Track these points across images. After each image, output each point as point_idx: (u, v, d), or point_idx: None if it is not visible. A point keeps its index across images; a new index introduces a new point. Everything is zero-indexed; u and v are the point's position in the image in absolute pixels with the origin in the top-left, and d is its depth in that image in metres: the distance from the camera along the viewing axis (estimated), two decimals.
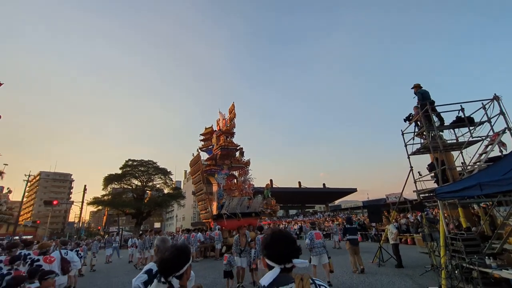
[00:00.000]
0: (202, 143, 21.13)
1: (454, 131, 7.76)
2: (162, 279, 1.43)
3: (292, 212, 59.68)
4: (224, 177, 18.57)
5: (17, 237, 27.43)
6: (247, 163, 19.60)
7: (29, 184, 33.62)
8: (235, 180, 19.58)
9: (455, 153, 8.07)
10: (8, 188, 15.85)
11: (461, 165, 7.60)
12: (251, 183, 19.36)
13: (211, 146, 20.13)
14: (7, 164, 15.68)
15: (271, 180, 48.75)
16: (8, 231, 33.09)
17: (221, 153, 18.32)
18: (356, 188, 57.09)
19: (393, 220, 10.78)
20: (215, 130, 20.27)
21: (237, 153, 19.52)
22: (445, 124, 7.76)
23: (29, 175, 32.23)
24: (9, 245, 5.77)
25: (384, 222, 12.03)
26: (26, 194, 36.26)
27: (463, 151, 7.59)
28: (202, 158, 19.37)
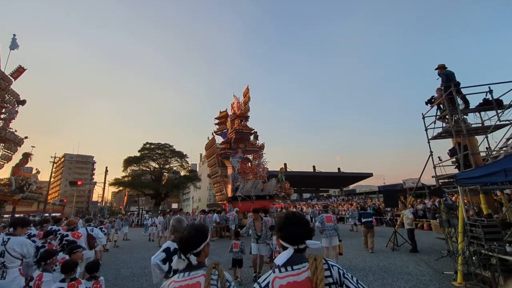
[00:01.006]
0: (217, 126, 21.34)
1: (480, 114, 7.35)
2: (182, 256, 1.51)
3: (306, 195, 60.05)
4: (238, 160, 18.82)
5: (47, 214, 29.53)
6: (262, 146, 19.70)
7: (55, 165, 35.61)
8: (250, 163, 19.81)
9: (479, 138, 7.71)
10: (36, 169, 16.91)
11: (485, 150, 7.26)
12: (265, 166, 19.56)
13: (225, 130, 20.31)
14: (34, 146, 16.58)
15: (285, 164, 48.97)
16: (39, 208, 35.71)
17: (236, 137, 18.47)
18: (372, 173, 56.31)
19: (409, 206, 10.62)
20: (230, 114, 20.33)
21: (252, 137, 19.62)
22: (470, 107, 7.36)
23: (55, 157, 34.13)
24: (40, 221, 6.32)
25: (400, 207, 11.88)
26: (53, 174, 38.58)
27: (488, 135, 7.23)
28: (217, 142, 19.64)
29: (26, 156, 13.99)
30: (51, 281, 3.34)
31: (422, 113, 8.30)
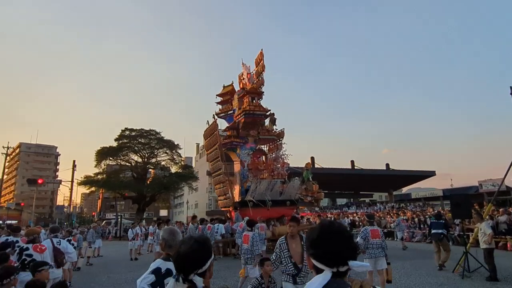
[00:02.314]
0: (220, 107, 21.34)
1: None
2: (181, 278, 1.55)
3: (341, 201, 59.87)
4: (249, 152, 18.85)
5: (0, 221, 30.98)
6: (280, 134, 19.62)
7: (8, 158, 37.03)
8: (264, 157, 19.85)
9: None
10: None
11: None
12: (285, 161, 19.53)
13: (231, 111, 20.26)
14: None
15: (312, 158, 48.81)
16: None
17: (245, 121, 18.44)
18: (434, 171, 55.39)
19: (487, 217, 10.42)
20: (237, 90, 20.24)
21: (267, 121, 19.55)
22: None
23: (8, 148, 35.48)
24: None
25: (474, 218, 11.66)
26: (6, 170, 40.01)
27: None
28: (220, 128, 19.72)
29: None
30: None
31: (511, 87, 8.00)
